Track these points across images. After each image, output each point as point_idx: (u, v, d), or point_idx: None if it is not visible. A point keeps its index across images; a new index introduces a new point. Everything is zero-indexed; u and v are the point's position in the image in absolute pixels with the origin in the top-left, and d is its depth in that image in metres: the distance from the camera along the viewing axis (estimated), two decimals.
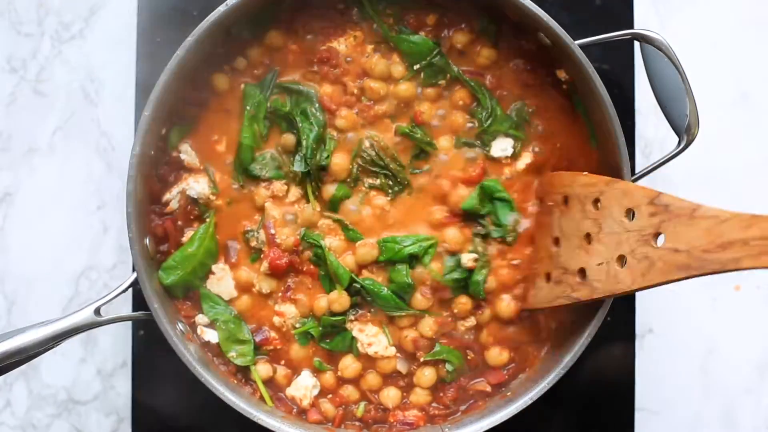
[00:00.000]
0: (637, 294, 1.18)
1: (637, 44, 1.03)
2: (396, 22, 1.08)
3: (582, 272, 0.97)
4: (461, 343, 1.08)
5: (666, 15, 1.25)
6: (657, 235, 0.87)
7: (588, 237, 0.96)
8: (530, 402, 1.01)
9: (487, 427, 1.01)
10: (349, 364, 1.08)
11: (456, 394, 1.08)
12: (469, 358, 1.08)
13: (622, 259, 0.91)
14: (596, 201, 0.96)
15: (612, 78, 1.15)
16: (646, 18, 1.24)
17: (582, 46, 1.00)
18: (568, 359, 1.01)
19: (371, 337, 1.07)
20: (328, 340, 1.08)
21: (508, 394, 1.06)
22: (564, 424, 1.19)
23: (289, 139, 1.06)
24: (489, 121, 1.07)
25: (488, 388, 1.08)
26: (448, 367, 1.07)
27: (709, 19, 1.25)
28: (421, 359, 1.08)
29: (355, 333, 1.07)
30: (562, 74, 1.06)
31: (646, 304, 1.20)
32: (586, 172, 1.01)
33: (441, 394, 1.08)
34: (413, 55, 1.07)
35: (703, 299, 1.23)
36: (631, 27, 1.19)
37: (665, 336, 1.23)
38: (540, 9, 1.00)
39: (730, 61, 1.25)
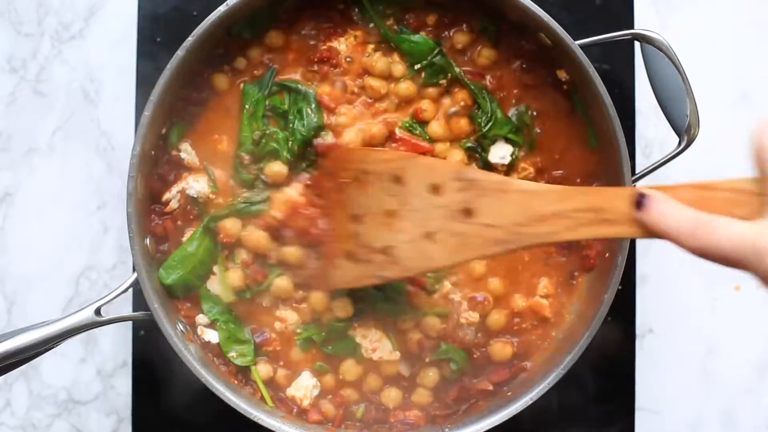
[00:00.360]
0: (637, 294, 1.19)
1: (637, 44, 1.03)
2: (396, 22, 1.08)
3: (388, 250, 0.93)
4: (466, 342, 1.08)
5: (666, 15, 1.25)
6: (468, 210, 0.85)
7: (391, 214, 0.91)
8: (530, 402, 1.01)
9: (487, 427, 1.01)
10: (350, 368, 1.07)
11: (458, 394, 1.08)
12: (475, 356, 1.08)
13: (431, 236, 0.88)
14: (397, 178, 0.91)
15: (612, 78, 1.15)
16: (646, 18, 1.24)
17: (582, 46, 1.00)
18: (569, 359, 1.01)
19: (375, 342, 1.07)
20: (330, 346, 1.08)
21: (509, 394, 1.06)
22: (563, 424, 1.19)
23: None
24: (489, 125, 1.07)
25: (490, 387, 1.07)
26: (453, 366, 1.07)
27: (709, 19, 1.25)
28: (427, 360, 1.07)
29: (358, 339, 1.07)
30: (562, 74, 1.06)
31: (646, 304, 1.21)
32: (380, 148, 0.98)
33: (443, 394, 1.08)
34: (414, 55, 1.07)
35: (703, 299, 1.23)
36: (631, 27, 1.19)
37: (665, 336, 1.23)
38: (540, 9, 1.00)
39: (731, 61, 1.25)
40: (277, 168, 1.05)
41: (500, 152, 1.08)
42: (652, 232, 0.72)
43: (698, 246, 0.68)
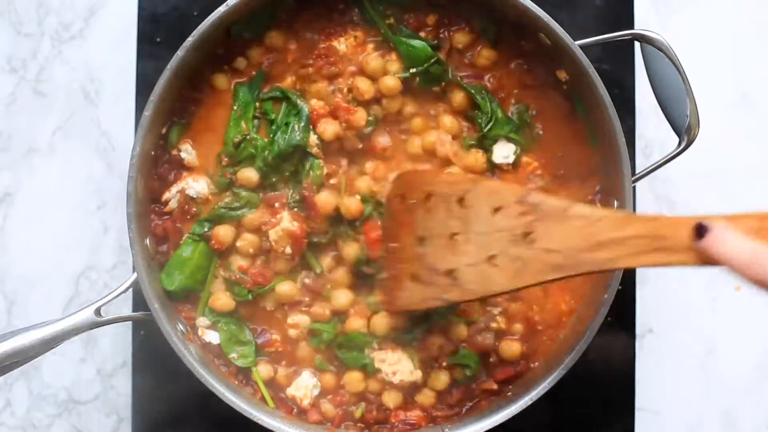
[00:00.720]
0: (637, 294, 1.19)
1: (637, 44, 1.03)
2: (396, 22, 1.08)
3: (451, 273, 0.93)
4: (485, 346, 1.07)
5: (666, 15, 1.25)
6: (528, 234, 0.85)
7: (455, 237, 0.92)
8: (531, 402, 1.01)
9: (487, 427, 1.01)
10: (355, 380, 1.06)
11: (462, 395, 1.07)
12: (491, 360, 1.07)
13: (493, 260, 0.88)
14: (461, 200, 0.92)
15: (612, 78, 1.15)
16: (646, 18, 1.24)
17: (582, 47, 1.00)
18: (569, 359, 1.01)
19: (395, 365, 1.05)
20: (344, 352, 1.07)
21: (509, 394, 1.06)
22: (564, 424, 1.19)
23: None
24: (489, 126, 1.07)
25: (495, 386, 1.07)
26: (467, 372, 1.06)
27: (710, 19, 1.25)
28: (444, 364, 1.07)
29: (377, 364, 1.06)
30: (562, 75, 1.06)
31: (646, 304, 1.21)
32: (448, 170, 0.98)
33: (447, 396, 1.07)
34: (411, 59, 1.06)
35: (703, 299, 1.23)
36: (631, 27, 1.19)
37: (665, 336, 1.23)
38: (540, 9, 1.00)
39: (731, 62, 1.25)
40: (248, 174, 1.04)
41: (503, 152, 1.07)
42: (710, 262, 0.73)
43: (754, 277, 0.69)
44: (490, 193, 0.89)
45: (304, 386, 1.06)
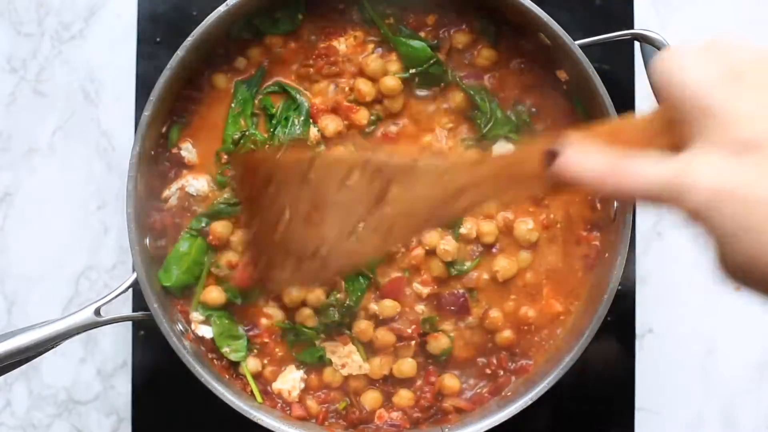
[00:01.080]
0: (637, 294, 1.19)
1: (637, 44, 1.03)
2: (396, 22, 1.08)
3: (317, 253, 0.89)
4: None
5: (666, 15, 1.25)
6: (383, 197, 0.81)
7: (310, 216, 0.88)
8: (530, 402, 1.01)
9: (487, 427, 1.01)
10: (331, 376, 1.07)
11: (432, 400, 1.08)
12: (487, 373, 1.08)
13: (355, 231, 0.84)
14: (305, 177, 0.87)
15: (612, 78, 1.15)
16: (646, 18, 1.24)
17: (582, 47, 1.00)
18: (568, 359, 1.01)
19: (344, 358, 1.07)
20: (301, 352, 1.08)
21: (509, 394, 1.06)
22: (564, 424, 1.19)
23: None
24: (488, 126, 1.07)
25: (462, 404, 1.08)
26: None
27: (709, 19, 1.25)
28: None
29: (328, 354, 1.07)
30: (562, 75, 1.06)
31: (646, 304, 1.21)
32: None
33: (420, 399, 1.08)
34: (411, 59, 1.07)
35: (703, 299, 1.23)
36: (631, 27, 1.19)
37: (665, 336, 1.23)
38: (540, 9, 1.00)
39: None
40: None
41: (502, 151, 1.07)
42: (565, 187, 0.69)
43: (612, 191, 0.64)
44: (334, 165, 0.85)
45: (292, 379, 1.07)
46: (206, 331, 1.07)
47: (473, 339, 1.08)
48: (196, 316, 1.07)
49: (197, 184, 1.06)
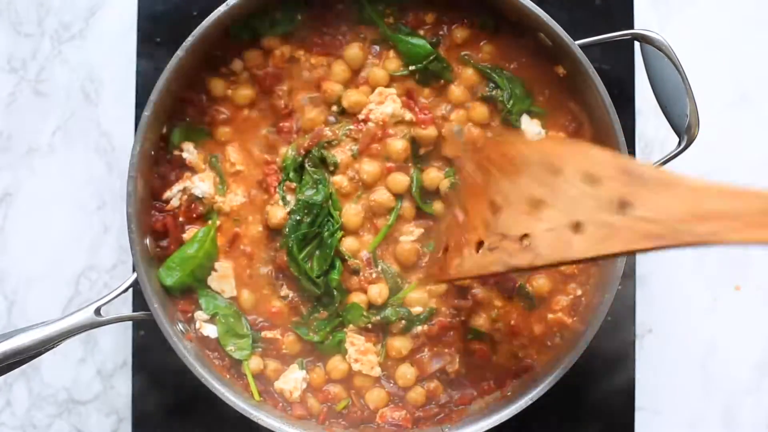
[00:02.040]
0: (637, 294, 1.19)
1: (637, 44, 1.03)
2: (395, 20, 1.08)
3: (525, 237, 0.89)
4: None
5: (666, 15, 1.25)
6: (625, 202, 0.80)
7: (536, 202, 0.88)
8: (530, 402, 1.01)
9: (487, 427, 1.01)
10: (336, 365, 1.07)
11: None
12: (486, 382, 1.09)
13: (577, 226, 0.84)
14: (552, 165, 0.87)
15: (612, 78, 1.15)
16: (646, 18, 1.24)
17: (582, 47, 1.00)
18: (568, 359, 1.01)
19: (360, 354, 1.07)
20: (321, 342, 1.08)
21: (509, 394, 1.06)
22: (564, 424, 1.19)
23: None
24: (511, 102, 1.06)
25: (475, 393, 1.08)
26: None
27: (709, 19, 1.25)
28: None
29: (347, 344, 1.07)
30: (560, 70, 1.06)
31: (646, 304, 1.21)
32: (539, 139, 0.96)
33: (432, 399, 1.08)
34: (410, 57, 1.07)
35: (703, 299, 1.23)
36: (631, 27, 1.19)
37: (665, 336, 1.23)
38: (540, 9, 1.00)
39: (730, 62, 1.25)
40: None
41: (534, 129, 1.07)
42: None
43: None
44: (584, 159, 0.84)
45: (293, 379, 1.07)
46: (211, 330, 1.07)
47: None
48: (200, 314, 1.07)
49: (204, 186, 1.06)
